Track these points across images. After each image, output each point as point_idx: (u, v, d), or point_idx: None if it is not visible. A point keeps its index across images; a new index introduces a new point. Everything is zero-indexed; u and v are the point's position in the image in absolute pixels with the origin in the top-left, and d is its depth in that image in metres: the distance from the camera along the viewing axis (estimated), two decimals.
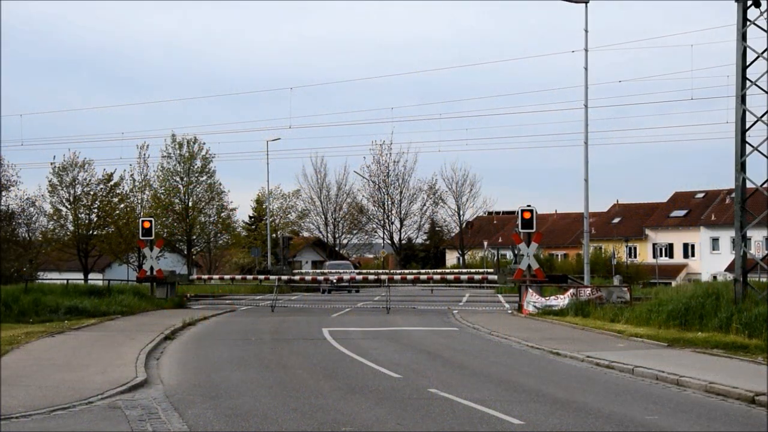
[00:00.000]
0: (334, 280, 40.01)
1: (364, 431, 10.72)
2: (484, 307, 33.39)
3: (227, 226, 57.86)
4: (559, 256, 74.03)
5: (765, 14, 22.18)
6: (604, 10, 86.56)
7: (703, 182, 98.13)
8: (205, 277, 42.20)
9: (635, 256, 72.76)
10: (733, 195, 25.60)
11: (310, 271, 58.28)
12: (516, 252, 40.98)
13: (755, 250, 55.81)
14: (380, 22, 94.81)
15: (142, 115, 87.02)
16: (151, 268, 35.87)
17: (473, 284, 35.55)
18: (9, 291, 29.46)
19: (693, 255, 71.39)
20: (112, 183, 51.66)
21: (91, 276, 50.04)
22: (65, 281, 35.41)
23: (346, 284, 39.65)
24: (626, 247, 71.92)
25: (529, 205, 32.07)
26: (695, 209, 72.92)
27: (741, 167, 22.43)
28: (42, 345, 19.56)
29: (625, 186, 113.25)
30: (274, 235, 61.85)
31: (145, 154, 54.12)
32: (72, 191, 50.73)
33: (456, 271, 54.43)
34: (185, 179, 54.29)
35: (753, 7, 22.46)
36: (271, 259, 57.69)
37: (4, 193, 49.05)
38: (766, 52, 22.30)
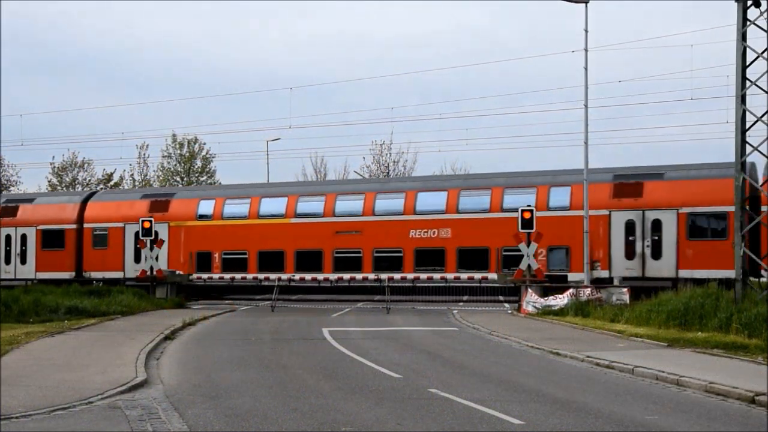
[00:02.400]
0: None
1: (364, 431, 10.72)
2: (484, 307, 33.37)
3: None
4: None
5: (765, 14, 22.19)
6: (604, 10, 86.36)
7: None
8: (205, 276, 42.11)
9: None
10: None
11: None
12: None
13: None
14: (380, 21, 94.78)
15: (142, 115, 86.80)
16: (151, 268, 35.90)
17: (473, 284, 35.85)
18: (9, 291, 29.48)
19: None
20: (112, 183, 51.71)
21: None
22: None
23: (346, 284, 39.91)
24: None
25: (529, 205, 32.07)
26: None
27: (741, 167, 22.45)
28: (42, 345, 19.56)
29: None
30: None
31: (145, 154, 54.32)
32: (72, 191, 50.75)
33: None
34: (185, 179, 54.32)
35: (753, 7, 22.48)
36: None
37: (4, 193, 49.09)
38: (766, 52, 22.31)
